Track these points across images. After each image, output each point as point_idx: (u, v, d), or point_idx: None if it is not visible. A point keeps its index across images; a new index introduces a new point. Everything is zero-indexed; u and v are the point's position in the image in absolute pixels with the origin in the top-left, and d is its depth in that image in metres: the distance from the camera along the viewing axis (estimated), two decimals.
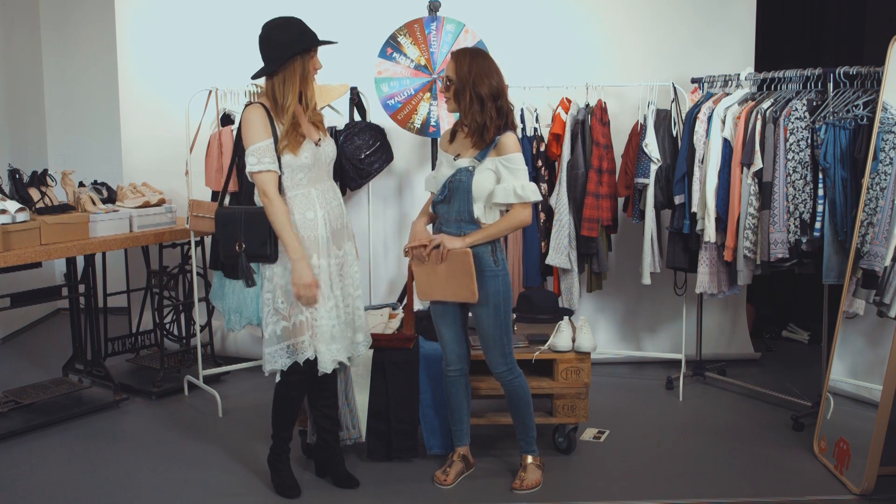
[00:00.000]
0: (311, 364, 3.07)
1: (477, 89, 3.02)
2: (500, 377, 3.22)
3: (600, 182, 4.30)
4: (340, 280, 3.14)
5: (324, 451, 3.37)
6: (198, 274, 4.61)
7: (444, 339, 3.27)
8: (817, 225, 3.70)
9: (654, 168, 4.23)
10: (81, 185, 4.45)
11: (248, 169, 3.00)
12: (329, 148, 3.14)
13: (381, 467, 3.51)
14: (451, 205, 3.11)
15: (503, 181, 3.07)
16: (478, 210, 3.09)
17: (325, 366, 3.07)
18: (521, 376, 3.24)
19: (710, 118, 4.06)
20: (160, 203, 4.50)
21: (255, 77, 3.10)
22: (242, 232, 3.05)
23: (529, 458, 3.35)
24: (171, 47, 4.95)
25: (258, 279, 4.16)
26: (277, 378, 3.14)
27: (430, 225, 3.29)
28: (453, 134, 3.20)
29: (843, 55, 5.00)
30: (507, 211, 3.12)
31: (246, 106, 3.07)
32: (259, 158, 2.98)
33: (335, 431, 3.36)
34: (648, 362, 4.89)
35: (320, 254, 3.05)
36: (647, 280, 4.36)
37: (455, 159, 3.12)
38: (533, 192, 3.06)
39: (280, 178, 3.02)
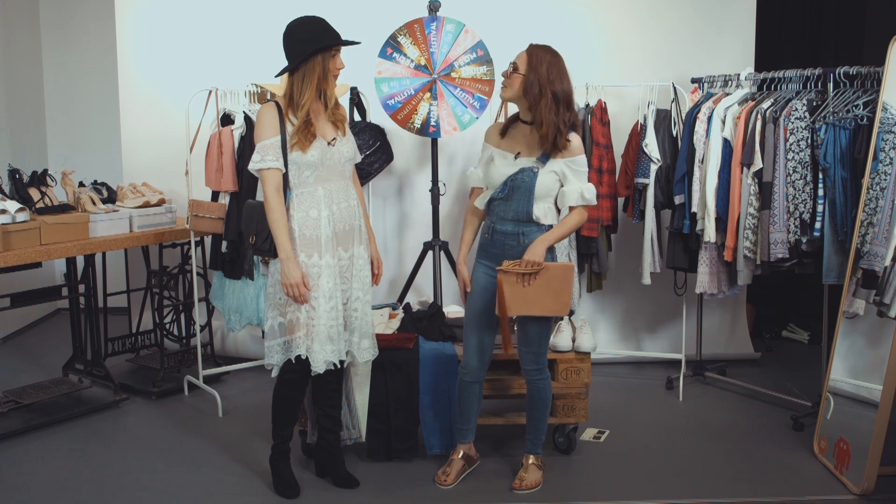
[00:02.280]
0: (306, 363, 3.07)
1: (555, 90, 3.01)
2: (529, 374, 3.22)
3: (600, 182, 4.30)
4: (346, 282, 3.13)
5: (324, 451, 3.37)
6: (198, 274, 4.61)
7: (470, 345, 3.23)
8: (817, 225, 3.70)
9: (654, 168, 4.23)
10: (81, 185, 4.45)
11: (251, 166, 3.04)
12: (345, 148, 3.12)
13: (381, 467, 3.51)
14: (509, 203, 3.08)
15: (570, 183, 3.07)
16: (538, 210, 3.08)
17: (317, 366, 3.05)
18: (548, 379, 3.25)
19: (710, 118, 4.07)
20: (160, 203, 4.50)
21: (278, 75, 3.11)
22: (256, 225, 3.10)
23: (532, 459, 3.35)
24: (171, 47, 4.95)
25: (257, 275, 4.18)
26: (274, 374, 3.16)
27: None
28: (505, 129, 3.16)
29: (843, 55, 5.00)
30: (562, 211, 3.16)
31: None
32: (263, 156, 3.02)
33: (336, 431, 3.36)
34: (648, 362, 4.89)
35: (322, 253, 3.05)
36: (647, 280, 4.37)
37: (516, 157, 3.10)
38: (594, 195, 3.11)
39: (288, 175, 3.04)
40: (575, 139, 3.08)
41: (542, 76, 3.00)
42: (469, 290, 3.25)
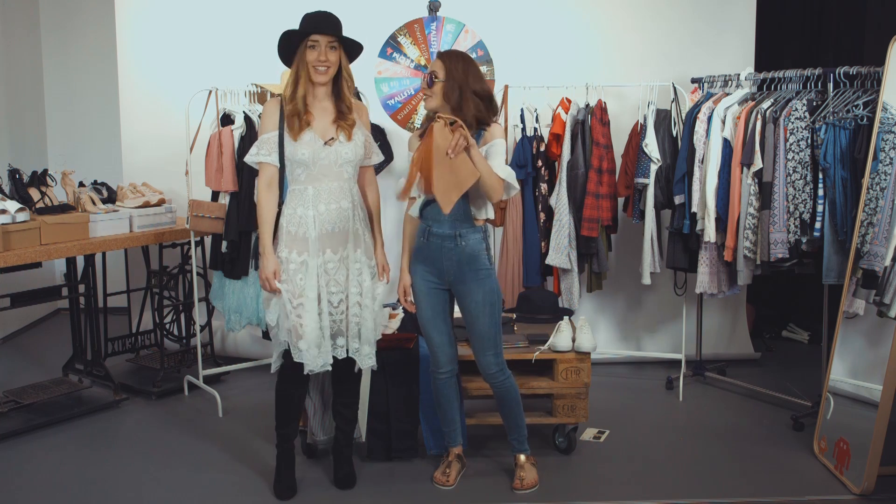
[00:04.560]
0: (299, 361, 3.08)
1: (476, 90, 3.05)
2: (492, 378, 3.21)
3: (600, 182, 4.30)
4: (337, 285, 3.09)
5: (334, 447, 3.38)
6: (198, 274, 4.61)
7: (433, 341, 3.24)
8: (817, 225, 3.70)
9: (654, 168, 4.23)
10: (81, 185, 4.45)
11: (246, 157, 3.11)
12: (344, 149, 3.08)
13: (381, 467, 3.51)
14: None
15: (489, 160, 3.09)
16: (473, 207, 3.11)
17: (307, 367, 3.06)
18: (511, 376, 3.24)
19: (710, 118, 4.07)
20: (160, 203, 4.50)
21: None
22: None
23: (523, 457, 3.35)
24: (171, 47, 4.95)
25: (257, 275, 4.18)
26: (272, 369, 3.19)
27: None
28: (422, 136, 3.16)
29: (843, 55, 4.99)
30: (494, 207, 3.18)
31: None
32: (258, 149, 3.06)
33: (345, 430, 3.35)
34: (648, 362, 4.89)
35: (301, 251, 3.04)
36: (647, 280, 4.36)
37: None
38: (511, 177, 3.07)
39: (285, 171, 3.07)
40: (495, 127, 3.12)
41: (460, 80, 3.04)
42: (410, 297, 3.26)
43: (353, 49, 3.13)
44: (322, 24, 3.01)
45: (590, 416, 3.72)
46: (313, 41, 3.00)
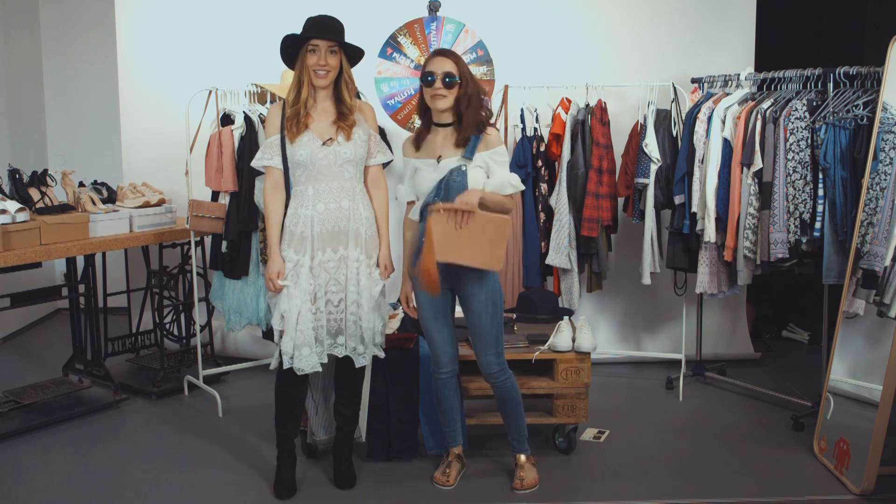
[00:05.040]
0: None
1: (476, 90, 3.08)
2: (493, 378, 3.21)
3: (600, 182, 4.30)
4: (337, 284, 3.10)
5: (334, 447, 3.38)
6: (198, 274, 4.61)
7: (434, 341, 3.24)
8: (817, 225, 3.70)
9: (654, 168, 4.23)
10: (81, 185, 4.46)
11: (252, 162, 3.16)
12: (343, 150, 3.09)
13: (381, 467, 3.51)
14: None
15: (494, 175, 3.10)
16: None
17: (290, 363, 3.07)
18: (512, 376, 3.24)
19: (710, 118, 4.07)
20: (160, 203, 4.50)
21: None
22: None
23: (523, 458, 3.35)
24: (171, 47, 4.95)
25: (257, 276, 4.18)
26: (272, 366, 3.20)
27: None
28: (417, 140, 3.19)
29: (843, 55, 5.00)
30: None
31: None
32: (262, 154, 3.10)
33: (345, 430, 3.35)
34: (648, 362, 4.89)
35: (301, 251, 3.06)
36: (647, 280, 4.37)
37: (438, 161, 3.11)
38: (519, 182, 3.16)
39: (288, 172, 3.10)
40: (494, 132, 3.13)
41: (470, 80, 3.08)
42: (412, 303, 3.26)
43: (354, 53, 3.14)
44: (322, 28, 3.02)
45: (590, 416, 3.72)
46: (313, 45, 3.02)
